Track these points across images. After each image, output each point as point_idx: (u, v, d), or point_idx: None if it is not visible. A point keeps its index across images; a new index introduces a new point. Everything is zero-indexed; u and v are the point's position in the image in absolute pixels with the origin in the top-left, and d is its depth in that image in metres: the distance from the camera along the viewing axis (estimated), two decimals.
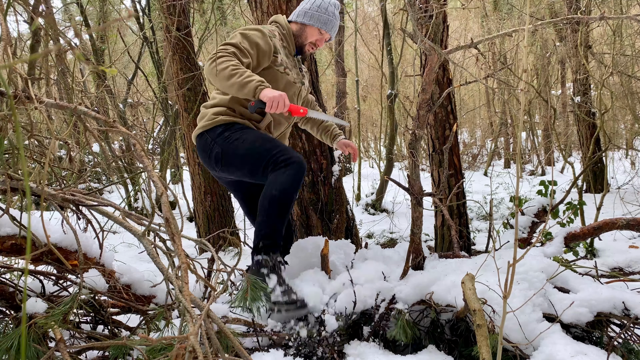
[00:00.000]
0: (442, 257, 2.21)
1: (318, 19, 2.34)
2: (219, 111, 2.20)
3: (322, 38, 2.39)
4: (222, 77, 1.97)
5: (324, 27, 2.36)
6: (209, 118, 2.20)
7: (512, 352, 1.58)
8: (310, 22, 2.34)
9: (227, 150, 2.11)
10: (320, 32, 2.37)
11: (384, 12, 6.15)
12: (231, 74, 1.96)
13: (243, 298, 1.66)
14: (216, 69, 1.97)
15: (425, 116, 1.88)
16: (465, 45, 1.76)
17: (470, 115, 14.12)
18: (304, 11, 2.36)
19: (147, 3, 5.89)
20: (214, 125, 2.18)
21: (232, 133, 2.13)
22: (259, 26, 2.24)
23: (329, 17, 2.35)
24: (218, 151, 2.14)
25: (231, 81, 1.96)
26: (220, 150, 2.13)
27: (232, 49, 2.06)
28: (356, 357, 1.73)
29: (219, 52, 2.03)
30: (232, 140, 2.11)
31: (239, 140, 2.10)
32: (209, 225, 4.78)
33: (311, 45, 2.41)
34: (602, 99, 5.41)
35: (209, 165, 2.26)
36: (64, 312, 1.45)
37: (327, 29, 2.37)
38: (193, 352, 1.00)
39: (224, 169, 2.19)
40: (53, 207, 1.65)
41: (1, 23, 1.29)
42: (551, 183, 2.07)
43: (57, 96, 7.14)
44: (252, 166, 2.07)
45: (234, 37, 2.13)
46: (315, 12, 2.34)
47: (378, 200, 6.65)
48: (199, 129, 2.25)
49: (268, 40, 2.19)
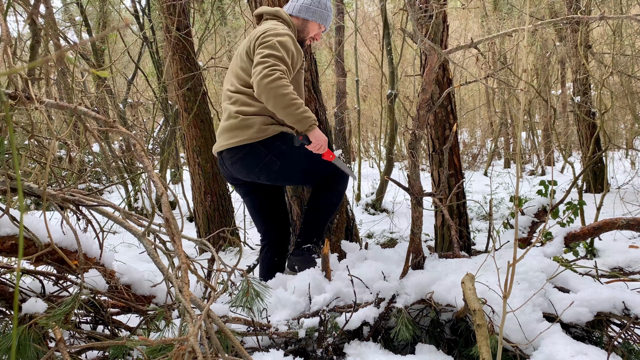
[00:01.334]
0: (442, 257, 2.21)
1: (320, 15, 2.45)
2: (267, 121, 2.23)
3: (320, 32, 2.52)
4: (280, 103, 2.05)
5: (324, 22, 2.48)
6: (260, 129, 2.21)
7: (512, 352, 1.58)
8: (313, 18, 2.44)
9: (288, 164, 2.26)
10: (319, 27, 2.50)
11: (384, 12, 6.15)
12: (290, 103, 2.05)
13: (243, 298, 1.66)
14: (275, 90, 2.03)
15: (425, 116, 1.88)
16: (465, 45, 1.76)
17: (470, 115, 14.12)
18: (306, 7, 2.42)
19: (147, 3, 5.89)
20: (268, 137, 2.22)
21: (288, 148, 2.26)
22: (287, 30, 2.25)
23: (327, 13, 2.47)
24: (276, 164, 2.25)
25: (288, 110, 2.06)
26: (280, 164, 2.25)
27: (283, 66, 2.10)
28: (356, 357, 1.73)
29: (275, 70, 2.06)
30: (292, 155, 2.25)
31: (297, 155, 2.26)
32: (209, 225, 4.78)
33: (311, 39, 2.53)
34: (602, 99, 5.41)
35: (249, 172, 2.30)
36: (64, 312, 1.45)
37: (326, 24, 2.50)
38: (193, 352, 1.00)
39: (269, 179, 2.31)
40: (53, 207, 1.65)
41: (1, 23, 1.29)
42: (551, 183, 2.07)
43: (57, 96, 7.14)
44: (311, 178, 2.35)
45: (276, 48, 2.13)
46: (317, 8, 2.43)
47: (378, 200, 6.65)
48: (247, 140, 2.22)
49: (299, 48, 2.27)
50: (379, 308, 1.86)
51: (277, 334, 1.77)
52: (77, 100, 5.93)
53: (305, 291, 1.95)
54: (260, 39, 2.18)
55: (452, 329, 1.88)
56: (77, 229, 1.69)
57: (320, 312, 1.84)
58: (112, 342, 1.41)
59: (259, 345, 1.76)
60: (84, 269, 1.64)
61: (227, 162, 2.32)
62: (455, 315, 1.80)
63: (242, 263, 3.82)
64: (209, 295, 1.97)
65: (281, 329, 1.80)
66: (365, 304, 1.89)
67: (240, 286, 1.77)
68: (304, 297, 1.94)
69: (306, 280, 1.99)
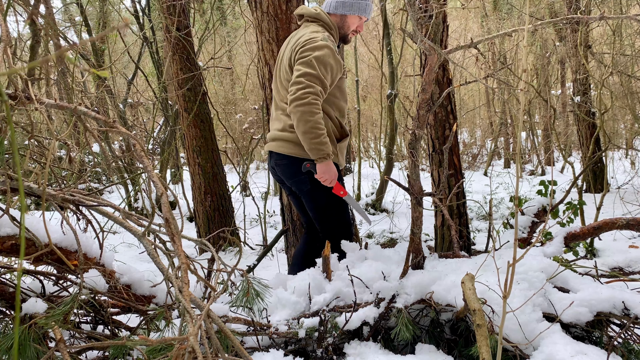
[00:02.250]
0: (442, 257, 2.21)
1: (358, 7, 2.37)
2: None
3: (361, 23, 2.43)
4: (302, 127, 2.14)
5: (363, 13, 2.39)
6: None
7: (512, 352, 1.58)
8: (351, 11, 2.37)
9: (315, 192, 2.37)
10: (360, 18, 2.42)
11: (383, 12, 6.15)
12: (310, 130, 2.14)
13: (243, 298, 1.66)
14: (302, 115, 2.13)
15: (425, 116, 1.87)
16: (465, 45, 1.76)
17: (470, 115, 14.11)
18: (342, 2, 2.37)
19: (147, 3, 5.89)
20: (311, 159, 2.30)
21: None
22: (327, 39, 2.25)
23: (365, 3, 2.37)
24: (306, 186, 2.37)
25: (307, 136, 2.15)
26: (309, 188, 2.37)
27: (318, 87, 2.16)
28: (356, 357, 1.73)
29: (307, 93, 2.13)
30: (321, 187, 2.35)
31: (323, 190, 2.36)
32: (209, 225, 4.78)
33: (353, 33, 2.46)
34: (602, 99, 5.41)
35: (286, 179, 2.45)
36: (64, 312, 1.45)
37: (367, 13, 2.40)
38: (193, 352, 1.00)
39: (299, 193, 2.43)
40: (53, 207, 1.65)
41: (1, 24, 1.29)
42: (551, 183, 2.06)
43: (57, 96, 7.14)
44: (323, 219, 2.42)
45: (313, 66, 2.16)
46: (362, 2, 2.36)
47: (378, 200, 6.65)
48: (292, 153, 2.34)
49: (338, 57, 2.28)
50: (379, 308, 1.86)
51: (277, 334, 1.78)
52: (77, 100, 5.93)
53: (305, 291, 1.95)
54: (299, 52, 2.22)
55: (452, 329, 1.88)
56: (77, 229, 1.69)
57: (320, 312, 1.84)
58: (112, 342, 1.42)
59: (259, 345, 1.76)
60: (83, 269, 1.64)
61: (272, 162, 2.49)
62: (455, 315, 1.80)
63: (242, 263, 3.82)
64: (209, 295, 1.98)
65: (281, 329, 1.80)
66: (365, 303, 1.89)
67: (240, 286, 1.77)
68: (304, 297, 1.94)
69: (306, 280, 1.99)
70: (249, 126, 10.94)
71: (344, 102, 2.44)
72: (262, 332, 1.76)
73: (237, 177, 8.14)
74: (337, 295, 1.92)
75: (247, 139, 10.14)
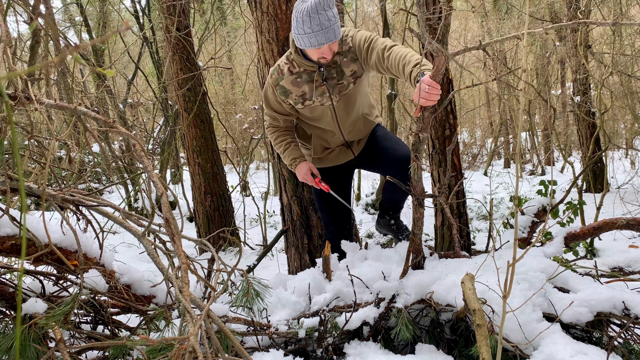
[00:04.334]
0: (442, 257, 2.21)
1: (302, 41, 2.11)
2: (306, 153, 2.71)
3: (323, 50, 2.15)
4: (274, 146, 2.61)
5: (311, 47, 2.11)
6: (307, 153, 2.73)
7: (512, 352, 1.58)
8: (301, 45, 2.14)
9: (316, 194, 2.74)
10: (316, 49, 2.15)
11: (383, 12, 6.15)
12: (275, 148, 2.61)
13: (243, 297, 1.66)
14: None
15: (430, 118, 1.86)
16: (473, 47, 1.74)
17: (470, 115, 14.12)
18: (293, 36, 2.15)
19: (147, 3, 5.89)
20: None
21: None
22: (272, 75, 2.41)
23: (311, 32, 2.05)
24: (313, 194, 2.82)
25: (278, 152, 2.60)
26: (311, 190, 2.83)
27: (267, 117, 2.57)
28: (356, 356, 1.73)
29: (265, 122, 2.62)
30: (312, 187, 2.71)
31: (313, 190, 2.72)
32: (209, 225, 4.78)
33: (320, 60, 2.23)
34: (602, 99, 5.41)
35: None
36: (64, 313, 1.45)
37: (318, 43, 2.08)
38: (193, 352, 1.00)
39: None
40: (53, 207, 1.65)
41: (1, 24, 1.29)
42: (551, 183, 2.06)
43: (57, 96, 7.14)
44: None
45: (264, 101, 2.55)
46: (297, 34, 2.10)
47: (378, 200, 6.64)
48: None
49: (276, 98, 2.44)
50: (379, 308, 1.86)
51: (277, 334, 1.78)
52: (77, 100, 5.93)
53: (305, 291, 1.95)
54: None
55: (452, 328, 1.88)
56: (77, 229, 1.69)
57: (320, 312, 1.84)
58: (112, 342, 1.42)
59: (259, 345, 1.76)
60: (83, 269, 1.64)
61: None
62: (455, 315, 1.80)
63: (242, 263, 3.82)
64: (209, 295, 1.98)
65: (281, 329, 1.80)
66: (365, 303, 1.89)
67: (240, 286, 1.77)
68: (304, 297, 1.94)
69: (306, 280, 1.99)
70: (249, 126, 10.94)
71: (322, 123, 2.49)
72: (262, 332, 1.76)
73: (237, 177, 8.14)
74: (337, 295, 1.92)
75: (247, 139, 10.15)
